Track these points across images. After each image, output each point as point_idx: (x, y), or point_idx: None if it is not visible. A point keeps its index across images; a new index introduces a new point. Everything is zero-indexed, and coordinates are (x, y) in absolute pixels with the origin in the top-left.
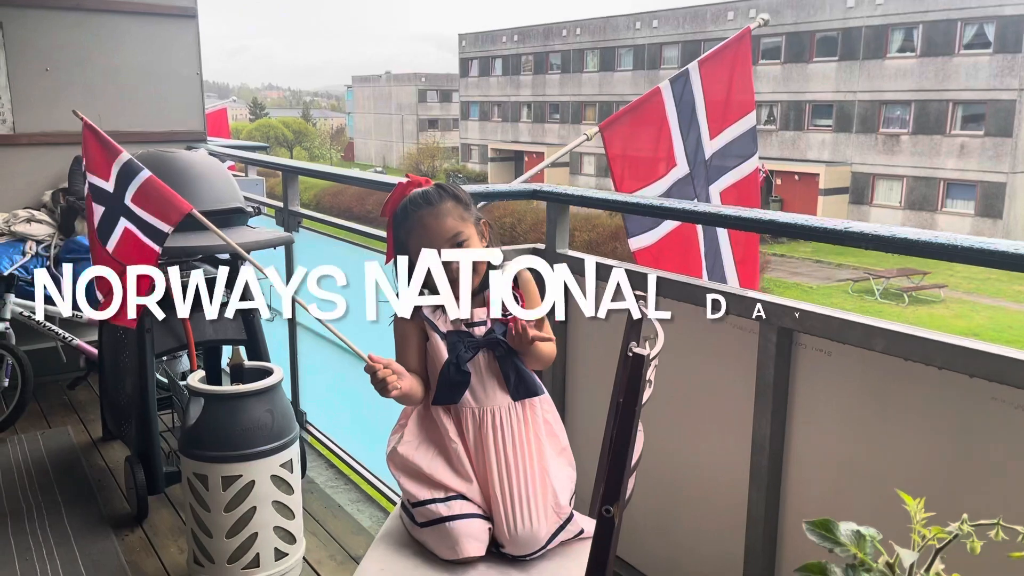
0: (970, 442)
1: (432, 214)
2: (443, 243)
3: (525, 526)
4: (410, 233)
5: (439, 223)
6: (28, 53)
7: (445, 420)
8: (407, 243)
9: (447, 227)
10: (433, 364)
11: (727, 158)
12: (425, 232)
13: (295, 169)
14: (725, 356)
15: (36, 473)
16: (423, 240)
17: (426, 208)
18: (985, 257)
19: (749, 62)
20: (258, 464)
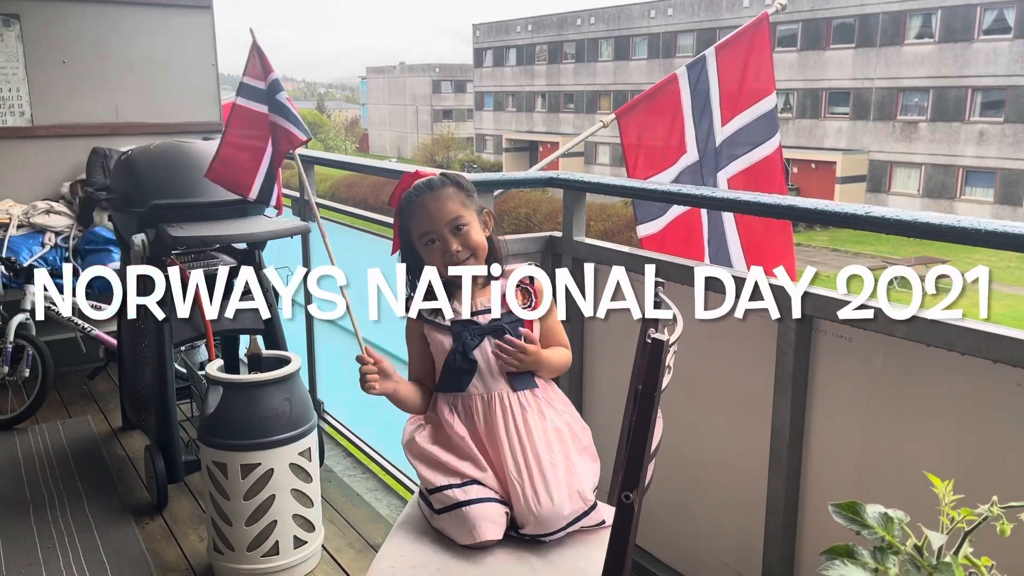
0: (994, 428)
1: (433, 197)
2: (443, 226)
3: (544, 504)
4: (412, 217)
5: (440, 205)
6: (45, 45)
7: (454, 413)
8: (410, 227)
9: (448, 210)
10: (438, 356)
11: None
12: (426, 214)
13: (312, 159)
14: (744, 343)
15: (57, 462)
16: (424, 222)
17: (428, 192)
18: (1010, 241)
19: (767, 47)
20: (277, 452)
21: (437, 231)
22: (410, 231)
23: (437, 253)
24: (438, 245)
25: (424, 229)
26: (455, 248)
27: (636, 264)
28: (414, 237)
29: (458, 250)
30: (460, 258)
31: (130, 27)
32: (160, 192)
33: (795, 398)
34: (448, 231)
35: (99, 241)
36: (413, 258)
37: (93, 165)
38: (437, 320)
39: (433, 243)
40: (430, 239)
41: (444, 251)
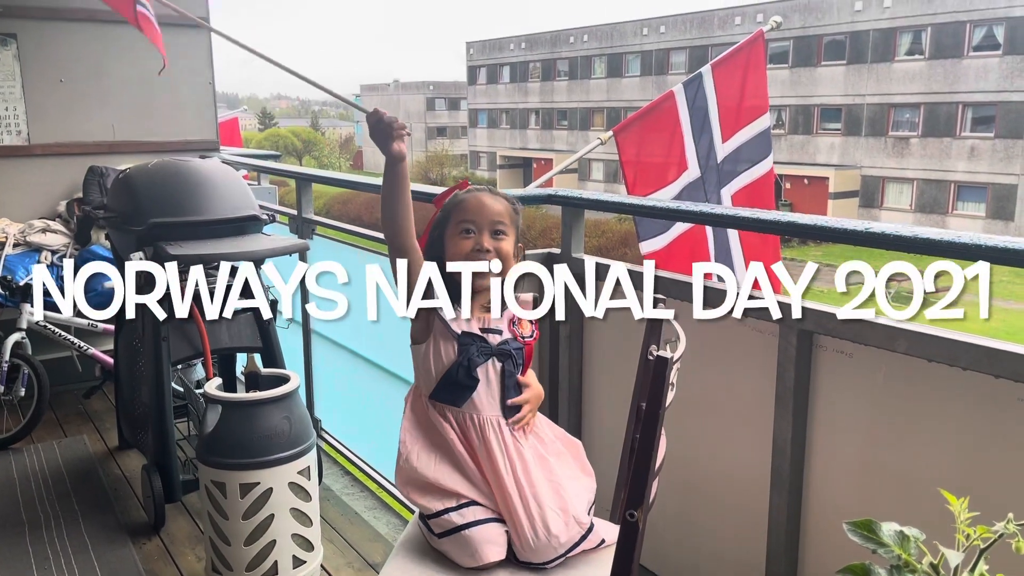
0: (997, 444)
1: (489, 196)
2: (485, 222)
3: (541, 536)
4: (457, 207)
5: (492, 204)
6: (42, 65)
7: (446, 423)
8: (450, 216)
9: (496, 211)
10: (438, 361)
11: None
12: (476, 206)
13: (309, 177)
14: (745, 359)
15: (53, 482)
16: (469, 212)
17: (486, 192)
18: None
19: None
20: (276, 471)
21: (479, 224)
22: (448, 220)
23: (468, 244)
24: (473, 236)
25: (467, 217)
26: (487, 245)
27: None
28: (450, 224)
29: (488, 249)
30: (486, 256)
31: (127, 46)
32: (158, 210)
33: (796, 414)
34: (488, 229)
35: (96, 259)
36: (435, 252)
37: (90, 183)
38: (447, 318)
39: (469, 233)
40: (468, 228)
41: (476, 244)
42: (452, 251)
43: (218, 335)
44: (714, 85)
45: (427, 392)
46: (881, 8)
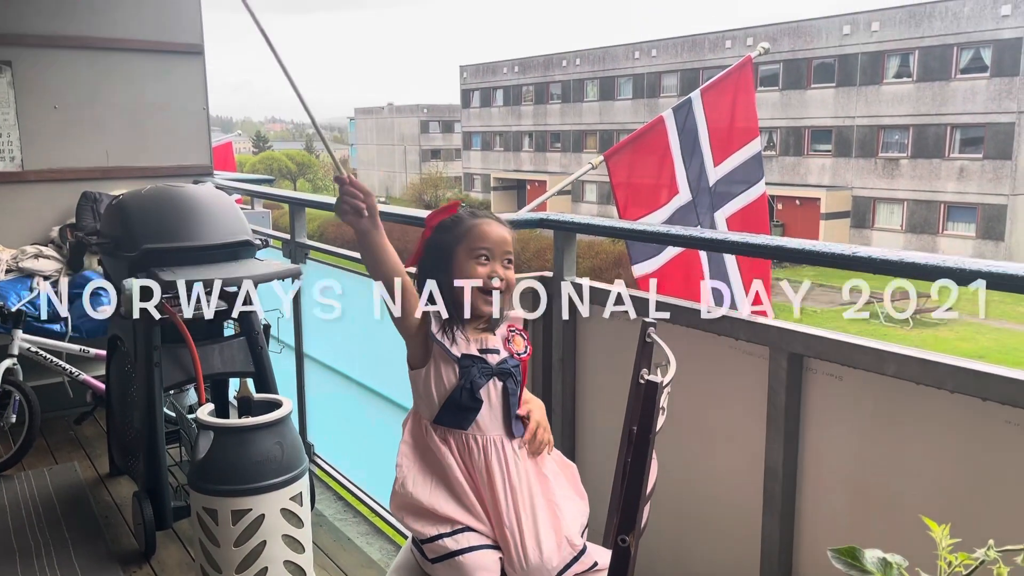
0: (985, 466)
1: (500, 225)
2: (500, 250)
3: (533, 558)
4: (468, 233)
5: (504, 234)
6: (37, 91)
7: (445, 447)
8: (460, 240)
9: (507, 241)
10: (440, 385)
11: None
12: (491, 235)
13: (302, 201)
14: (736, 382)
15: (44, 510)
16: (485, 240)
17: (495, 220)
18: (996, 281)
19: (751, 90)
20: (268, 497)
21: (494, 252)
22: (456, 244)
23: (484, 271)
24: (489, 264)
25: (484, 244)
26: (501, 273)
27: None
28: (462, 250)
29: (502, 277)
30: (498, 286)
31: (122, 73)
32: (151, 236)
33: (788, 437)
34: (501, 258)
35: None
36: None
37: (83, 209)
38: (445, 343)
39: (486, 261)
40: (485, 255)
41: (491, 272)
42: (467, 273)
43: (211, 360)
44: (704, 110)
45: (430, 417)
46: (869, 32)
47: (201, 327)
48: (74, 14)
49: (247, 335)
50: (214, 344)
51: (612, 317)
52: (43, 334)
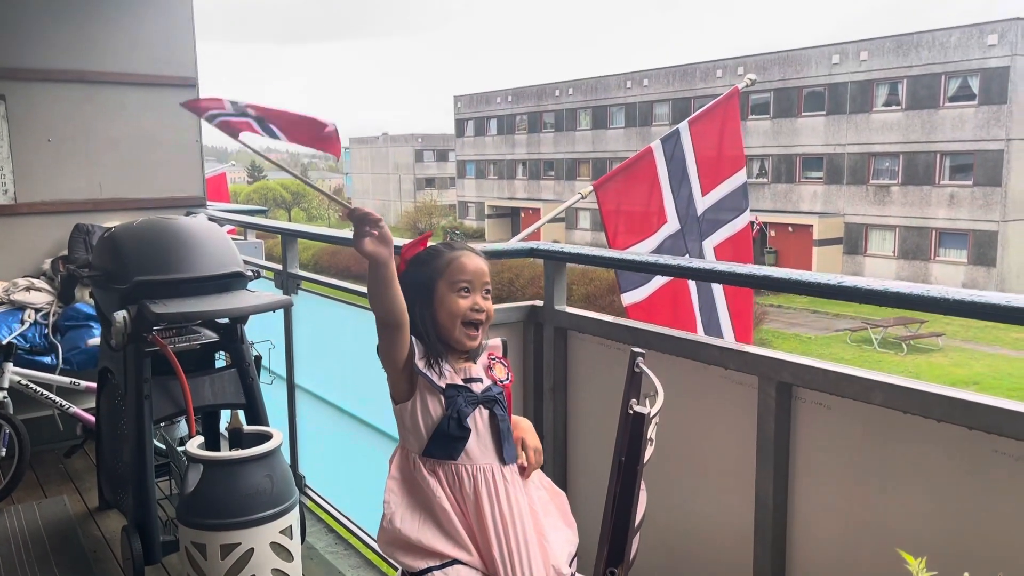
0: (972, 495)
1: (479, 258)
2: (480, 282)
3: None
4: (449, 265)
5: (483, 267)
6: (30, 124)
7: (434, 480)
8: (441, 273)
9: (486, 273)
10: (427, 417)
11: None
12: (471, 268)
13: (294, 232)
14: (725, 411)
15: (32, 545)
16: (466, 273)
17: (473, 253)
18: (976, 310)
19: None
20: (257, 531)
21: (474, 284)
22: (437, 277)
23: (467, 304)
24: (471, 297)
25: (465, 277)
26: (482, 305)
27: (616, 333)
28: (443, 283)
29: (483, 309)
30: (480, 319)
31: (116, 106)
32: (142, 268)
33: (778, 466)
34: (481, 290)
35: (80, 317)
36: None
37: (76, 241)
38: (430, 375)
39: (467, 292)
40: (467, 288)
41: (474, 306)
42: (448, 308)
43: (201, 392)
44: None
45: (419, 450)
46: (858, 61)
47: (192, 359)
48: (68, 48)
49: (238, 366)
50: (205, 376)
51: (603, 345)
52: (34, 367)
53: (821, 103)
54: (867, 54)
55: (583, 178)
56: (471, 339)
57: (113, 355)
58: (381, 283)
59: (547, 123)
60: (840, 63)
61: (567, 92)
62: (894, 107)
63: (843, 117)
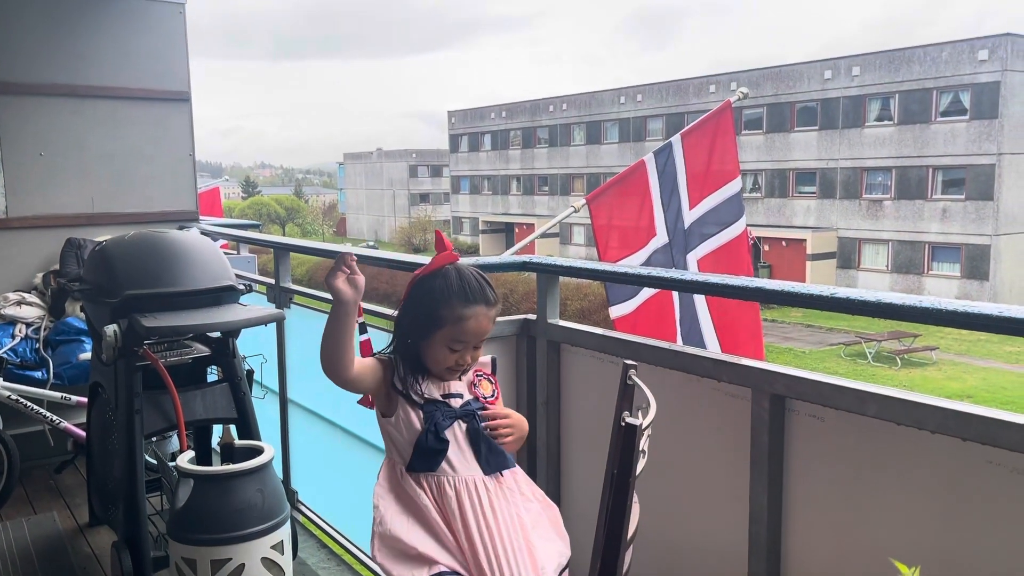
0: (966, 506)
1: (487, 316)
2: (474, 341)
3: None
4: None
5: (488, 326)
6: (22, 138)
7: (420, 490)
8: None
9: (486, 330)
10: (405, 432)
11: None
12: (475, 328)
13: (286, 246)
14: (718, 423)
15: (21, 562)
16: (468, 333)
17: (486, 307)
18: (970, 320)
19: (731, 133)
20: (248, 546)
21: (471, 343)
22: (440, 326)
23: (452, 358)
24: (458, 353)
25: (464, 339)
26: (468, 360)
27: (609, 346)
28: (440, 334)
29: (468, 364)
30: (464, 370)
31: (108, 120)
32: (133, 282)
33: (772, 479)
34: (474, 345)
35: (71, 331)
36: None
37: (67, 255)
38: (409, 393)
39: (456, 351)
40: (460, 348)
41: (459, 360)
42: (437, 355)
43: (193, 406)
44: (683, 154)
45: (403, 463)
46: (850, 76)
47: (183, 373)
48: (60, 62)
49: (230, 381)
50: (196, 390)
51: (596, 358)
52: (24, 381)
53: (814, 118)
54: (859, 69)
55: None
56: (451, 376)
57: (104, 369)
58: (339, 324)
59: (541, 138)
60: (832, 78)
61: (561, 107)
62: (886, 122)
63: (836, 132)
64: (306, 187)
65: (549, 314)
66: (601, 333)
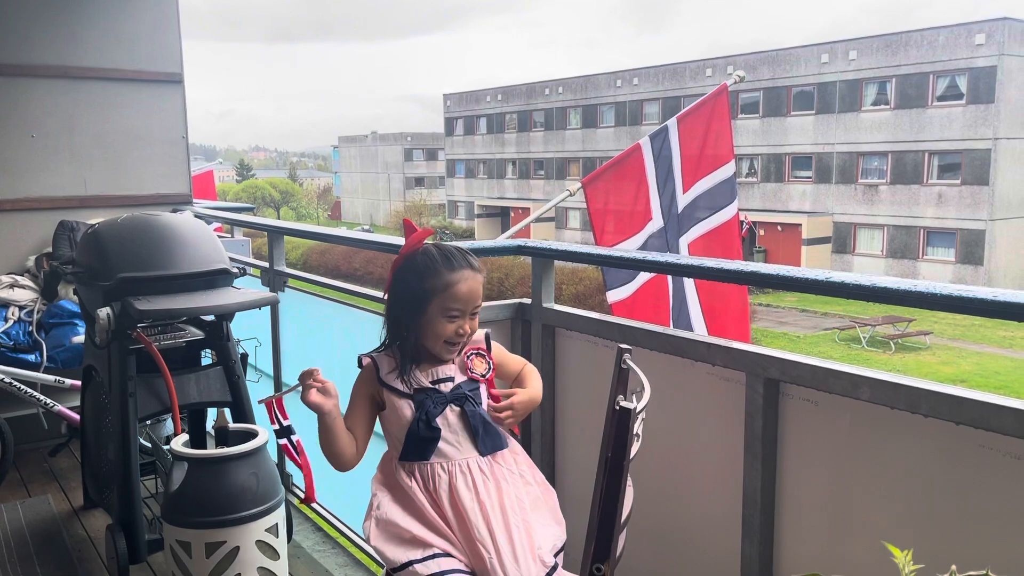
0: (958, 490)
1: (475, 280)
2: (470, 307)
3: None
4: (450, 291)
5: (477, 289)
6: (14, 120)
7: (413, 483)
8: (430, 300)
9: (479, 295)
10: (397, 424)
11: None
12: (467, 294)
13: (280, 229)
14: (713, 407)
15: (15, 544)
16: (460, 300)
17: (471, 272)
18: (964, 304)
19: (727, 116)
20: (243, 529)
21: (464, 310)
22: (430, 298)
23: (452, 328)
24: (457, 322)
25: (458, 305)
26: (468, 329)
27: (604, 330)
28: (434, 304)
29: (468, 332)
30: (464, 340)
31: (100, 102)
32: (126, 265)
33: (765, 462)
34: (470, 313)
35: (64, 314)
36: (410, 319)
37: (60, 238)
38: (396, 385)
39: (454, 319)
40: (457, 314)
41: (459, 330)
42: (434, 329)
43: (187, 390)
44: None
45: (398, 454)
46: (847, 60)
47: (177, 356)
48: (51, 43)
49: (224, 364)
50: (191, 374)
51: (591, 343)
52: (17, 364)
53: (810, 102)
54: (856, 53)
55: (573, 177)
56: (450, 353)
57: (98, 353)
58: (329, 433)
59: (537, 122)
60: (829, 62)
61: (557, 91)
62: (883, 106)
63: (832, 116)
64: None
65: (544, 298)
66: (596, 317)
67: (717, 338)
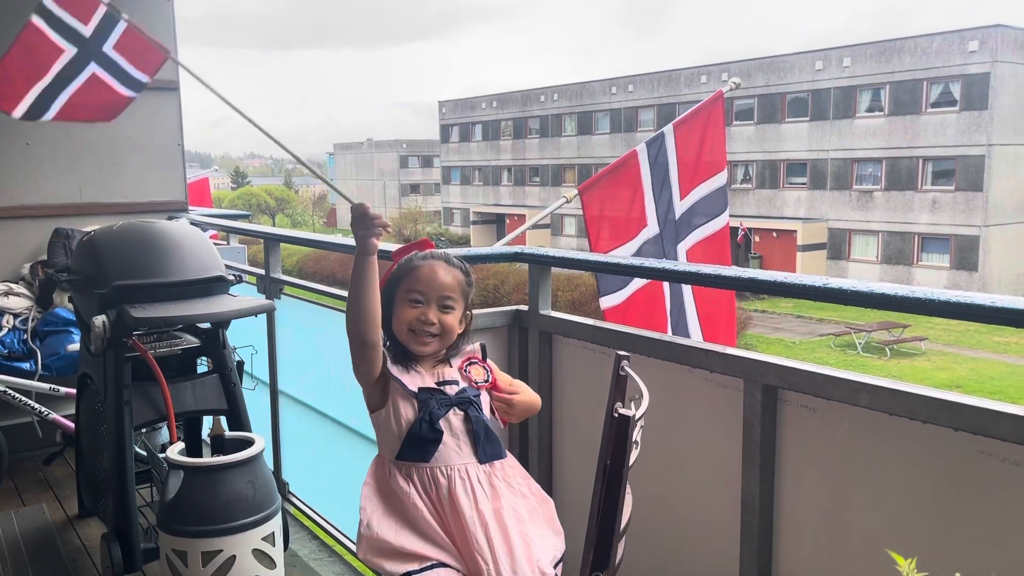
0: (958, 496)
1: (442, 267)
2: (434, 295)
3: None
4: (410, 272)
5: (443, 276)
6: (9, 128)
7: (409, 486)
8: (401, 280)
9: (446, 284)
10: (402, 420)
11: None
12: (428, 277)
13: (276, 236)
14: (711, 414)
15: (10, 554)
16: (420, 282)
17: (440, 261)
18: (963, 311)
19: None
20: (239, 538)
21: (428, 296)
22: (399, 283)
23: (413, 314)
24: (420, 308)
25: (417, 288)
26: (432, 319)
27: (602, 337)
28: (400, 290)
29: (433, 323)
30: (430, 331)
31: None
32: (122, 273)
33: (764, 469)
34: (436, 302)
35: (59, 322)
36: (386, 308)
37: (55, 246)
38: (402, 379)
39: (417, 304)
40: (417, 299)
41: (421, 316)
42: (398, 316)
43: (183, 398)
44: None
45: (393, 454)
46: (840, 67)
47: (173, 364)
48: None
49: (220, 372)
50: (186, 381)
51: (588, 350)
52: (12, 372)
53: (805, 109)
54: (850, 60)
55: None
56: (421, 346)
57: (93, 361)
58: (362, 273)
59: (532, 129)
60: (823, 69)
61: (552, 97)
62: (877, 113)
63: (826, 123)
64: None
65: (541, 305)
66: (593, 324)
67: (715, 345)
